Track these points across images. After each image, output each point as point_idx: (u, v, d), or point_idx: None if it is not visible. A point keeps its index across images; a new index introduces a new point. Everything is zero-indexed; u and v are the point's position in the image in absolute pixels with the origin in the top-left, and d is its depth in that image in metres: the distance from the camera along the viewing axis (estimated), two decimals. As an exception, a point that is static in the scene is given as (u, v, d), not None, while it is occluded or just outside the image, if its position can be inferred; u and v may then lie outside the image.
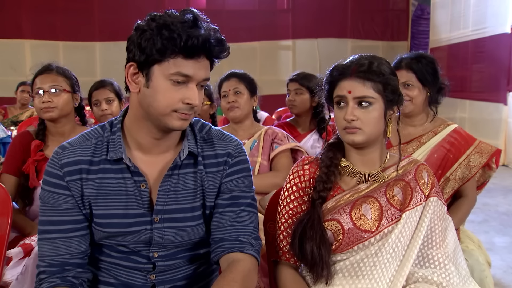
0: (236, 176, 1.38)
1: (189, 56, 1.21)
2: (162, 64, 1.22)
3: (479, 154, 2.14)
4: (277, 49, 10.88)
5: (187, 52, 1.20)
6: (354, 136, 1.41)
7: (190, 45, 1.19)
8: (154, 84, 1.23)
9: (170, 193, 1.33)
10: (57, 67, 2.26)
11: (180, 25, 1.19)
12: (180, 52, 1.20)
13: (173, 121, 1.26)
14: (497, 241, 3.97)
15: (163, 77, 1.22)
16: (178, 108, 1.24)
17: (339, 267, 1.42)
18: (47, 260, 1.28)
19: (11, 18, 9.53)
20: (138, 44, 1.22)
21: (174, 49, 1.19)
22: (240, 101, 2.53)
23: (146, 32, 1.21)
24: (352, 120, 1.39)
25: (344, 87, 1.40)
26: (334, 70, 1.45)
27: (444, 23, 9.32)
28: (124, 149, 1.30)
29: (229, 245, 1.33)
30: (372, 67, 1.39)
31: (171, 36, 1.18)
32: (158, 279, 1.36)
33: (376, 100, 1.39)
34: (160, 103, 1.24)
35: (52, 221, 1.29)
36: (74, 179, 1.29)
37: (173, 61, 1.21)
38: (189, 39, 1.19)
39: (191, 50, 1.20)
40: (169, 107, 1.24)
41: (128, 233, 1.31)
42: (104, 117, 2.76)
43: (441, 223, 1.46)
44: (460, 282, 1.40)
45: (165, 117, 1.25)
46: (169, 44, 1.19)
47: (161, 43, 1.19)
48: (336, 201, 1.45)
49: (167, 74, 1.22)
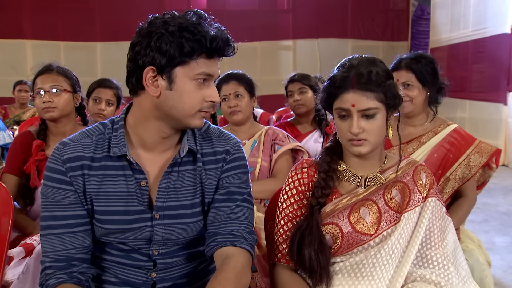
0: (233, 172, 1.39)
1: (211, 55, 1.26)
2: (186, 65, 1.24)
3: (479, 154, 2.14)
4: (278, 49, 10.89)
5: (210, 53, 1.25)
6: (361, 148, 1.40)
7: (214, 46, 1.24)
8: (178, 87, 1.25)
9: (170, 190, 1.34)
10: (58, 67, 2.26)
11: (199, 27, 1.23)
12: (204, 53, 1.25)
13: (196, 120, 1.30)
14: (497, 241, 3.98)
15: (187, 79, 1.25)
16: (202, 107, 1.29)
17: (338, 268, 1.42)
18: (52, 255, 1.28)
19: (12, 18, 9.56)
20: (158, 48, 1.22)
21: (201, 50, 1.24)
22: (241, 105, 2.52)
23: (165, 36, 1.22)
24: (359, 133, 1.38)
25: (346, 100, 1.39)
26: (333, 81, 1.42)
27: (444, 23, 9.32)
28: (127, 146, 1.31)
29: (222, 239, 1.33)
30: (372, 77, 1.37)
31: (196, 39, 1.22)
32: (159, 277, 1.37)
33: (379, 110, 1.39)
34: (186, 105, 1.27)
35: (55, 216, 1.30)
36: (77, 175, 1.30)
37: (197, 62, 1.25)
38: (213, 40, 1.23)
39: (215, 50, 1.25)
40: (195, 107, 1.28)
41: (128, 230, 1.32)
42: (97, 116, 2.76)
43: (440, 224, 1.46)
44: (460, 283, 1.40)
45: (188, 118, 1.29)
46: (197, 46, 1.23)
47: (189, 46, 1.22)
48: (335, 205, 1.45)
49: (192, 75, 1.25)
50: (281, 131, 2.61)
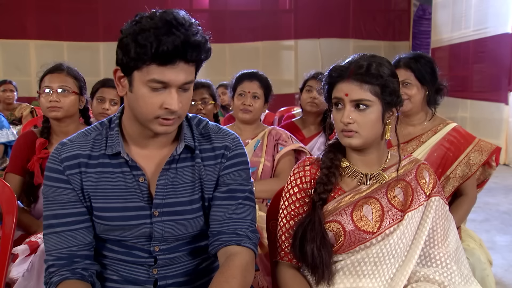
0: (234, 169, 1.40)
1: (162, 63, 1.19)
2: (140, 70, 1.22)
3: (479, 152, 2.15)
4: (280, 49, 10.89)
5: (160, 59, 1.19)
6: (351, 140, 1.41)
7: (161, 53, 1.17)
8: (135, 90, 1.24)
9: (169, 187, 1.35)
10: (68, 67, 2.27)
11: (153, 31, 1.17)
12: (153, 60, 1.19)
13: (156, 126, 1.27)
14: (498, 240, 3.97)
15: (141, 84, 1.23)
16: (159, 114, 1.24)
17: (340, 266, 1.43)
18: (55, 253, 1.30)
19: (16, 18, 9.57)
20: (121, 49, 1.23)
21: (146, 57, 1.18)
22: (255, 106, 2.54)
23: (124, 38, 1.22)
24: (349, 123, 1.39)
25: (341, 89, 1.40)
26: (333, 71, 1.44)
27: (446, 23, 9.31)
28: (122, 143, 1.33)
29: (226, 238, 1.34)
30: (370, 69, 1.38)
31: (142, 44, 1.17)
32: (160, 274, 1.38)
33: (373, 103, 1.38)
34: (142, 109, 1.25)
35: (56, 214, 1.32)
36: (74, 173, 1.32)
37: (148, 68, 1.20)
38: (159, 46, 1.16)
39: (163, 57, 1.18)
40: (151, 114, 1.24)
41: (128, 226, 1.33)
42: (101, 115, 2.77)
43: (443, 223, 1.46)
44: (462, 281, 1.40)
45: (148, 122, 1.27)
46: (141, 52, 1.18)
47: (134, 51, 1.19)
48: (337, 202, 1.45)
49: (144, 81, 1.22)
50: (285, 132, 2.61)
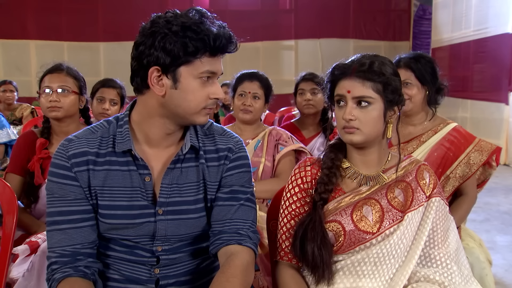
0: (237, 171, 1.41)
1: (214, 53, 1.28)
2: (190, 64, 1.26)
3: (479, 152, 2.15)
4: (280, 49, 10.91)
5: (214, 51, 1.27)
6: (352, 136, 1.41)
7: (218, 44, 1.26)
8: (183, 86, 1.27)
9: (173, 186, 1.36)
10: (68, 67, 2.27)
11: (202, 25, 1.24)
12: (208, 51, 1.26)
13: (201, 117, 1.33)
14: (499, 240, 3.97)
15: (192, 77, 1.27)
16: (207, 104, 1.31)
17: (340, 266, 1.43)
18: (58, 250, 1.30)
19: (17, 18, 9.60)
20: (162, 48, 1.24)
21: (205, 49, 1.25)
22: (255, 106, 2.54)
23: (169, 36, 1.23)
24: (351, 120, 1.39)
25: (343, 86, 1.41)
26: (335, 68, 1.45)
27: (446, 23, 9.32)
28: (132, 141, 1.33)
29: (227, 237, 1.35)
30: (373, 67, 1.39)
31: (199, 38, 1.23)
32: (162, 274, 1.38)
33: (375, 100, 1.39)
34: (191, 103, 1.29)
35: (61, 211, 1.31)
36: (82, 170, 1.32)
37: (202, 60, 1.26)
38: (216, 38, 1.25)
39: (218, 48, 1.27)
40: (200, 105, 1.30)
41: (132, 225, 1.33)
42: (101, 115, 2.76)
43: (443, 223, 1.46)
44: (462, 282, 1.40)
45: (194, 115, 1.31)
46: (200, 45, 1.24)
47: (193, 45, 1.23)
48: (338, 202, 1.46)
49: (196, 74, 1.27)
50: (285, 132, 2.62)
